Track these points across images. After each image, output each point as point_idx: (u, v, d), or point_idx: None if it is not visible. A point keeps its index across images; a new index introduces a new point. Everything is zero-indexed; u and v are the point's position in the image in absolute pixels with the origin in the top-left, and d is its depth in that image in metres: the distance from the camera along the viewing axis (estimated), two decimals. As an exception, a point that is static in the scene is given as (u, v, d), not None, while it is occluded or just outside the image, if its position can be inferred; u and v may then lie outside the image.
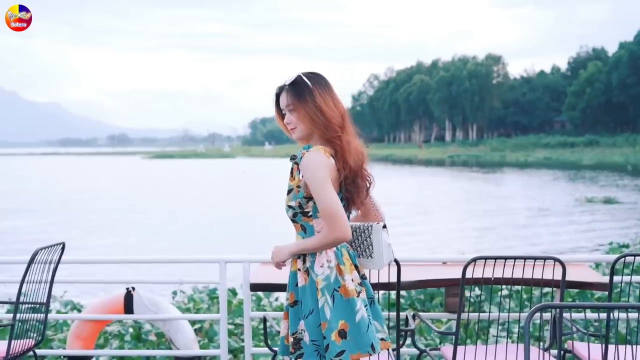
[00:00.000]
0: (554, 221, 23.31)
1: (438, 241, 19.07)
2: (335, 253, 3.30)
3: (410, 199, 31.58)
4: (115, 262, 5.26)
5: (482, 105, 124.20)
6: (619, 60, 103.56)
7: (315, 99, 3.29)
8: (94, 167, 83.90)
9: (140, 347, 7.21)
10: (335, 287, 3.25)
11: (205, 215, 26.56)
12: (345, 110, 3.38)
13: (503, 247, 17.82)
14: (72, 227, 23.74)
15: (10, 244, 19.72)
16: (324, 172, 3.22)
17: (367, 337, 3.21)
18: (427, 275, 4.42)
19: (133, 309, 5.29)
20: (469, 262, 3.66)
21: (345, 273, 3.26)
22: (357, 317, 3.22)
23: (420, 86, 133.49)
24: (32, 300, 4.38)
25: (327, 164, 3.24)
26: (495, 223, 23.11)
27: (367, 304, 3.29)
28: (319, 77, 3.37)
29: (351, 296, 3.23)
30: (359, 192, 3.35)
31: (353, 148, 3.32)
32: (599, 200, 29.17)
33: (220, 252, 15.15)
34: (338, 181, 3.29)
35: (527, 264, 4.05)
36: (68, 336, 5.45)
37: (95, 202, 33.55)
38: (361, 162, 3.37)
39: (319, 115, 3.28)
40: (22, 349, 4.37)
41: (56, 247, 4.49)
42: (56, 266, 4.51)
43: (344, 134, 3.32)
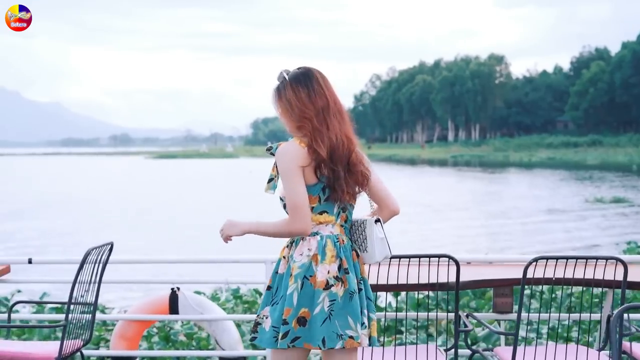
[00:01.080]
0: (567, 221, 23.24)
1: (459, 242, 18.98)
2: (318, 242, 3.39)
3: (422, 200, 31.46)
4: (160, 262, 5.25)
5: (485, 105, 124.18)
6: (622, 60, 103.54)
7: (287, 93, 3.43)
8: (97, 168, 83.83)
9: (169, 347, 7.20)
10: (307, 275, 3.35)
11: (219, 216, 26.46)
12: (327, 103, 3.44)
13: (522, 247, 17.74)
14: (88, 229, 23.59)
15: (23, 246, 19.62)
16: (293, 164, 3.35)
17: (320, 331, 3.30)
18: (478, 275, 4.39)
19: (178, 310, 5.27)
20: (530, 262, 3.63)
21: (320, 263, 3.35)
22: (316, 309, 3.32)
23: (423, 86, 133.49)
24: (81, 300, 4.36)
25: (299, 155, 3.36)
26: (509, 223, 23.02)
27: (340, 299, 3.34)
28: (302, 71, 3.48)
29: (318, 287, 3.33)
30: (339, 182, 3.39)
31: (326, 138, 3.37)
32: (608, 200, 29.13)
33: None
34: (313, 170, 3.38)
35: (578, 263, 4.01)
36: (112, 336, 5.42)
37: (104, 203, 33.39)
38: (343, 153, 3.41)
39: (289, 108, 3.43)
40: (72, 349, 4.36)
41: (104, 247, 4.47)
42: (104, 266, 4.49)
43: (319, 125, 3.39)
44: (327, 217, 3.45)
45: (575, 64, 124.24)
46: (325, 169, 3.38)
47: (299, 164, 3.36)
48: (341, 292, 3.35)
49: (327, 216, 3.45)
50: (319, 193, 3.43)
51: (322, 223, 3.45)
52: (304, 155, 3.37)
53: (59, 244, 19.96)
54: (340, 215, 3.49)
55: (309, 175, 3.39)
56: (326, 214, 3.45)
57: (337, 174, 3.39)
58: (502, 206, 28.80)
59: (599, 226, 21.98)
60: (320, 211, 3.44)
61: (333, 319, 3.33)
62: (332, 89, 3.52)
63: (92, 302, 4.47)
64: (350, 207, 3.53)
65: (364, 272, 3.51)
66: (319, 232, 3.43)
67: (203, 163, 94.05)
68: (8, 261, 5.12)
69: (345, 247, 3.44)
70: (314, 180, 3.40)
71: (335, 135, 3.41)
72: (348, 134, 3.46)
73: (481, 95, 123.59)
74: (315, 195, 3.43)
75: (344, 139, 3.43)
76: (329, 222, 3.45)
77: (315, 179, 3.40)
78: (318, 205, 3.44)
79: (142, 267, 11.30)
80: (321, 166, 3.37)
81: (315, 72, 3.49)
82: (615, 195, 30.70)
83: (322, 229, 3.44)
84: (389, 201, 3.61)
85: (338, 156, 3.39)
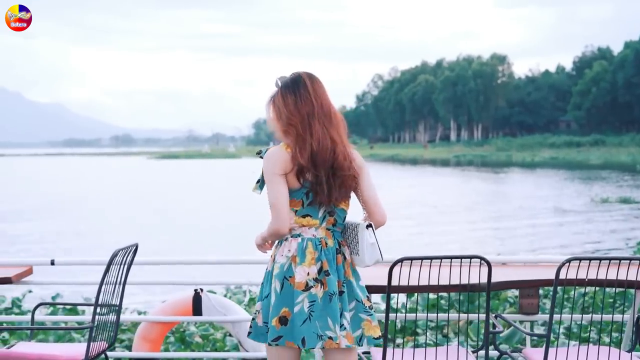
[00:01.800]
0: (574, 221, 23.19)
1: (469, 243, 18.91)
2: (298, 244, 3.51)
3: (429, 201, 31.36)
4: (185, 262, 5.20)
5: (487, 105, 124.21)
6: (624, 59, 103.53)
7: (277, 100, 3.56)
8: (101, 168, 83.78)
9: (185, 349, 7.18)
10: (287, 275, 3.47)
11: (231, 216, 26.44)
12: (313, 109, 3.51)
13: (534, 249, 17.66)
14: (101, 230, 23.54)
15: (35, 248, 19.59)
16: (275, 168, 3.47)
17: (300, 331, 3.41)
18: (504, 277, 4.35)
19: (202, 311, 5.24)
20: (563, 262, 3.59)
21: (298, 265, 3.47)
22: (296, 309, 3.43)
23: (425, 86, 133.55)
24: (106, 301, 4.34)
25: (282, 160, 3.47)
26: (517, 225, 22.91)
27: (319, 300, 3.44)
28: (292, 78, 3.58)
29: (297, 289, 3.45)
30: (321, 186, 3.47)
31: (309, 144, 3.46)
32: (615, 200, 29.08)
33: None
34: (296, 176, 3.47)
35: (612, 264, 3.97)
36: (135, 338, 5.38)
37: (113, 204, 33.30)
38: (327, 157, 3.48)
39: (278, 115, 3.56)
40: (97, 352, 4.33)
41: (130, 249, 4.44)
42: (129, 267, 4.46)
43: (303, 132, 3.48)
44: (310, 220, 3.54)
45: (578, 64, 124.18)
46: (307, 175, 3.48)
47: (281, 170, 3.47)
48: (321, 294, 3.46)
49: (311, 219, 3.54)
50: (302, 197, 3.52)
51: (305, 226, 3.54)
52: (286, 161, 3.48)
53: (73, 246, 19.89)
54: (327, 219, 3.57)
55: (292, 180, 3.50)
56: (309, 217, 3.54)
57: (319, 179, 3.47)
58: (510, 207, 28.70)
59: (607, 226, 21.92)
60: (303, 214, 3.53)
61: (313, 320, 3.43)
62: (322, 92, 3.58)
63: (117, 304, 4.45)
64: (339, 211, 3.60)
65: (349, 274, 3.58)
66: (301, 234, 3.53)
67: (206, 163, 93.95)
68: (30, 262, 5.08)
69: (328, 250, 3.53)
70: (297, 185, 3.50)
71: (318, 140, 3.48)
72: (334, 136, 3.53)
73: (483, 95, 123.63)
74: (299, 199, 3.52)
75: (327, 143, 3.50)
76: (313, 225, 3.54)
77: (299, 184, 3.50)
78: (301, 209, 3.53)
79: (158, 268, 11.24)
80: (302, 172, 3.47)
81: (304, 77, 3.57)
82: (621, 196, 30.64)
83: (304, 231, 3.53)
84: (375, 210, 3.63)
85: (320, 161, 3.47)
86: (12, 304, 9.21)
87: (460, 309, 5.98)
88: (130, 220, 26.16)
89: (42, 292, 9.96)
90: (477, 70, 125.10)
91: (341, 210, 3.60)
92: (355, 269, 3.64)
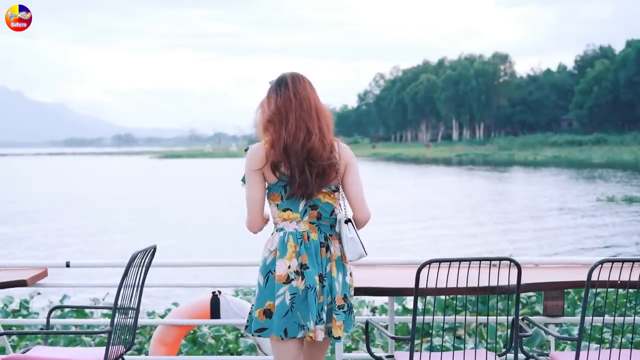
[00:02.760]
0: (582, 221, 23.02)
1: (484, 244, 18.73)
2: (279, 238, 3.62)
3: (437, 200, 31.19)
4: (203, 264, 5.11)
5: (489, 103, 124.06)
6: (626, 58, 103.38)
7: (263, 101, 3.75)
8: (104, 168, 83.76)
9: (197, 350, 7.08)
10: (271, 269, 3.60)
11: (237, 217, 26.18)
12: (291, 105, 3.62)
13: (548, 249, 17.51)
14: (109, 232, 23.26)
15: (48, 248, 19.45)
16: (250, 164, 3.64)
17: (282, 322, 3.54)
18: (533, 278, 4.26)
19: (220, 314, 5.15)
20: (595, 264, 3.52)
21: (279, 259, 3.58)
22: (277, 301, 3.55)
23: (427, 85, 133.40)
24: (123, 305, 4.25)
25: (258, 157, 3.63)
26: (526, 225, 22.70)
27: (299, 292, 3.55)
28: (276, 80, 3.73)
29: (279, 282, 3.56)
30: (294, 178, 3.57)
31: (282, 140, 3.58)
32: (620, 200, 28.96)
33: None
34: (272, 171, 3.61)
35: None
36: (152, 341, 5.29)
37: (120, 204, 33.08)
38: (302, 147, 3.58)
39: (262, 115, 3.73)
40: (116, 355, 4.25)
41: (148, 250, 4.36)
42: (147, 270, 4.38)
43: (279, 127, 3.61)
44: (290, 214, 3.64)
45: (580, 63, 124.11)
46: (281, 168, 3.60)
47: (256, 165, 3.63)
48: (302, 286, 3.57)
49: (291, 213, 3.64)
50: (280, 191, 3.65)
51: (286, 220, 3.65)
52: (261, 157, 3.62)
53: (83, 248, 19.70)
54: (309, 213, 3.64)
55: (268, 174, 3.64)
56: (290, 211, 3.64)
57: (292, 171, 3.58)
58: (516, 206, 28.55)
59: (615, 226, 21.79)
60: (284, 208, 3.65)
61: (295, 311, 3.55)
62: (304, 90, 3.68)
63: (134, 307, 4.36)
64: (323, 204, 3.65)
65: (333, 269, 3.63)
66: (283, 228, 3.65)
67: (208, 163, 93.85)
68: (45, 264, 5.00)
69: (310, 243, 3.61)
70: (274, 179, 3.63)
71: (291, 133, 3.59)
72: (310, 128, 3.61)
73: (485, 94, 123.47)
74: (278, 193, 3.66)
75: (300, 134, 3.59)
76: (294, 219, 3.63)
77: (275, 178, 3.63)
78: (281, 203, 3.66)
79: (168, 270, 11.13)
80: (277, 166, 3.59)
81: (287, 78, 3.71)
82: (627, 195, 30.51)
83: (286, 225, 3.64)
84: (357, 207, 3.70)
85: (293, 152, 3.58)
86: (20, 306, 9.10)
87: (477, 311, 5.89)
88: (138, 220, 26.01)
89: (50, 293, 9.83)
90: (478, 69, 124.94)
91: (325, 204, 3.66)
92: (343, 264, 3.69)
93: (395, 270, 4.70)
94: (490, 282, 3.61)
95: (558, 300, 4.64)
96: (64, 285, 5.21)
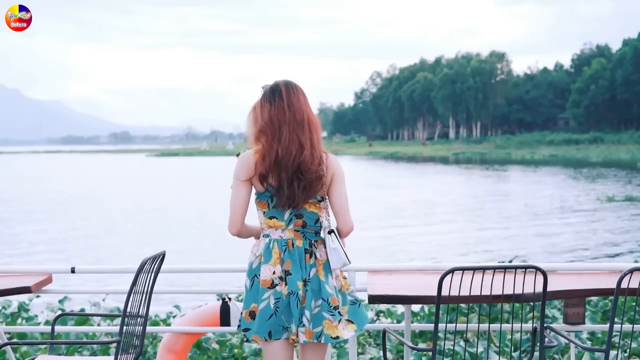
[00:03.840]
0: (586, 221, 22.78)
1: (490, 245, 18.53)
2: (265, 244, 3.72)
3: (438, 200, 30.96)
4: (212, 271, 4.97)
5: (486, 102, 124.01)
6: (623, 57, 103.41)
7: (255, 109, 3.77)
8: (101, 166, 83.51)
9: (201, 354, 6.95)
10: (257, 274, 3.71)
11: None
12: (285, 117, 3.65)
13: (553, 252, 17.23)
14: (110, 233, 22.86)
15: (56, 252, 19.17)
16: (238, 172, 3.69)
17: (267, 325, 3.65)
18: (558, 285, 4.13)
19: (230, 321, 5.00)
20: (625, 272, 3.40)
21: (263, 264, 3.69)
22: (262, 304, 3.66)
23: (424, 83, 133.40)
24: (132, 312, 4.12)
25: (248, 166, 3.68)
26: (531, 226, 22.39)
27: (283, 297, 3.64)
28: (269, 88, 3.75)
29: (263, 286, 3.66)
30: (282, 191, 3.64)
31: (275, 151, 3.62)
32: (621, 199, 28.83)
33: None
34: (260, 180, 3.67)
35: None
36: (159, 349, 5.13)
37: (121, 203, 32.63)
38: (292, 162, 3.63)
39: (254, 123, 3.76)
40: (124, 365, 4.12)
41: (157, 256, 4.22)
42: (156, 276, 4.25)
43: (272, 139, 3.65)
44: (276, 222, 3.72)
45: (577, 61, 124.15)
46: (269, 180, 3.66)
47: (244, 175, 3.69)
48: (285, 291, 3.66)
49: (277, 221, 3.72)
50: (267, 200, 3.72)
51: (272, 227, 3.74)
52: (250, 167, 3.67)
53: (86, 251, 19.27)
54: (294, 221, 3.72)
55: (256, 183, 3.71)
56: (275, 219, 3.72)
57: (281, 184, 3.64)
58: (518, 206, 28.24)
59: (618, 227, 21.54)
60: (270, 216, 3.74)
61: (279, 314, 3.65)
62: (297, 100, 3.71)
63: (142, 315, 4.23)
64: (308, 213, 3.73)
65: (321, 273, 3.71)
66: (269, 235, 3.74)
67: (205, 161, 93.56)
68: (49, 270, 4.84)
69: (294, 250, 3.70)
70: (262, 188, 3.70)
71: (285, 147, 3.63)
72: (303, 141, 3.65)
73: (482, 92, 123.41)
74: (265, 201, 3.73)
75: (293, 148, 3.63)
76: (279, 227, 3.72)
77: (263, 188, 3.70)
78: (268, 211, 3.74)
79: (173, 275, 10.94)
80: (265, 178, 3.65)
81: (281, 87, 3.72)
82: (627, 194, 30.38)
83: (272, 232, 3.74)
84: (340, 218, 3.77)
85: (284, 166, 3.63)
86: (19, 308, 8.90)
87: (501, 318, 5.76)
88: (140, 221, 25.53)
89: (49, 298, 9.62)
90: (475, 68, 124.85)
91: (311, 213, 3.74)
92: (330, 269, 3.75)
93: (412, 277, 4.56)
94: (515, 290, 3.50)
95: (579, 308, 4.51)
96: (69, 292, 5.06)
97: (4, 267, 4.93)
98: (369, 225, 21.63)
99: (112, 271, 5.00)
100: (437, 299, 3.54)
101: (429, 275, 4.50)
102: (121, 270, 4.88)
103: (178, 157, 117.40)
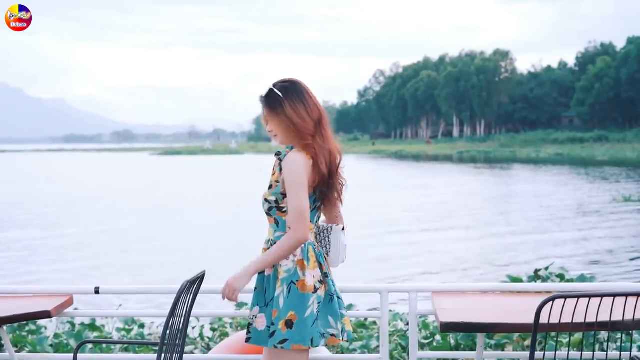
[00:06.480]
0: (607, 224, 22.04)
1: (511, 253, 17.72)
2: (302, 248, 3.55)
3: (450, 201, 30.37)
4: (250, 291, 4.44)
5: (490, 100, 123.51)
6: (627, 55, 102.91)
7: (286, 111, 3.54)
8: (105, 165, 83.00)
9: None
10: (294, 280, 3.52)
11: (253, 219, 24.76)
12: (321, 115, 3.60)
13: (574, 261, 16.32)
14: (129, 240, 21.28)
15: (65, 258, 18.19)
16: (302, 174, 3.50)
17: (310, 331, 3.47)
18: None
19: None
20: None
21: (307, 269, 3.53)
22: (307, 312, 3.48)
23: (428, 82, 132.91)
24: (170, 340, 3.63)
25: (306, 165, 3.52)
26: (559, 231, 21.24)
27: (322, 301, 3.54)
28: (292, 86, 3.60)
29: (307, 292, 3.50)
30: (332, 193, 3.63)
31: (326, 153, 3.56)
32: (638, 199, 28.25)
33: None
34: (313, 183, 3.55)
35: None
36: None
37: (129, 204, 31.76)
38: (335, 165, 3.61)
39: (290, 125, 3.55)
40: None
41: (198, 277, 3.74)
42: (194, 299, 3.76)
43: (318, 139, 3.56)
44: (311, 225, 3.64)
45: (581, 59, 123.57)
46: (323, 184, 3.58)
47: (306, 177, 3.53)
48: (323, 294, 3.57)
49: (311, 225, 3.64)
50: (311, 202, 3.60)
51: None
52: (309, 168, 3.53)
53: (103, 262, 17.57)
54: (315, 223, 3.70)
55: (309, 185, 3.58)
56: (311, 223, 3.63)
57: (330, 187, 3.61)
58: (532, 206, 27.52)
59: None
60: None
61: (319, 320, 3.53)
62: (317, 98, 3.66)
63: (179, 343, 3.75)
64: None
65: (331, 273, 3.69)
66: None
67: (209, 160, 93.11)
68: (71, 291, 4.32)
69: (321, 252, 3.65)
70: (310, 191, 3.58)
71: (331, 148, 3.59)
72: (337, 144, 3.65)
73: (486, 90, 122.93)
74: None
75: (336, 152, 3.62)
76: (311, 230, 3.65)
77: (312, 191, 3.58)
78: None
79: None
80: (321, 181, 3.55)
81: (303, 85, 3.64)
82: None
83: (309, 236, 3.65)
84: (341, 215, 3.77)
85: (334, 168, 3.61)
86: (36, 332, 7.76)
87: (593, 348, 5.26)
88: (153, 226, 24.30)
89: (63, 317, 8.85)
90: (479, 66, 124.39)
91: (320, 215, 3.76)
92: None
93: (483, 300, 4.07)
94: (611, 317, 3.02)
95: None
96: (91, 315, 4.54)
97: (18, 288, 4.43)
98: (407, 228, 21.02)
99: (139, 292, 4.49)
100: (535, 327, 3.07)
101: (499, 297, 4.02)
102: (149, 290, 4.46)
103: (181, 155, 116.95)
